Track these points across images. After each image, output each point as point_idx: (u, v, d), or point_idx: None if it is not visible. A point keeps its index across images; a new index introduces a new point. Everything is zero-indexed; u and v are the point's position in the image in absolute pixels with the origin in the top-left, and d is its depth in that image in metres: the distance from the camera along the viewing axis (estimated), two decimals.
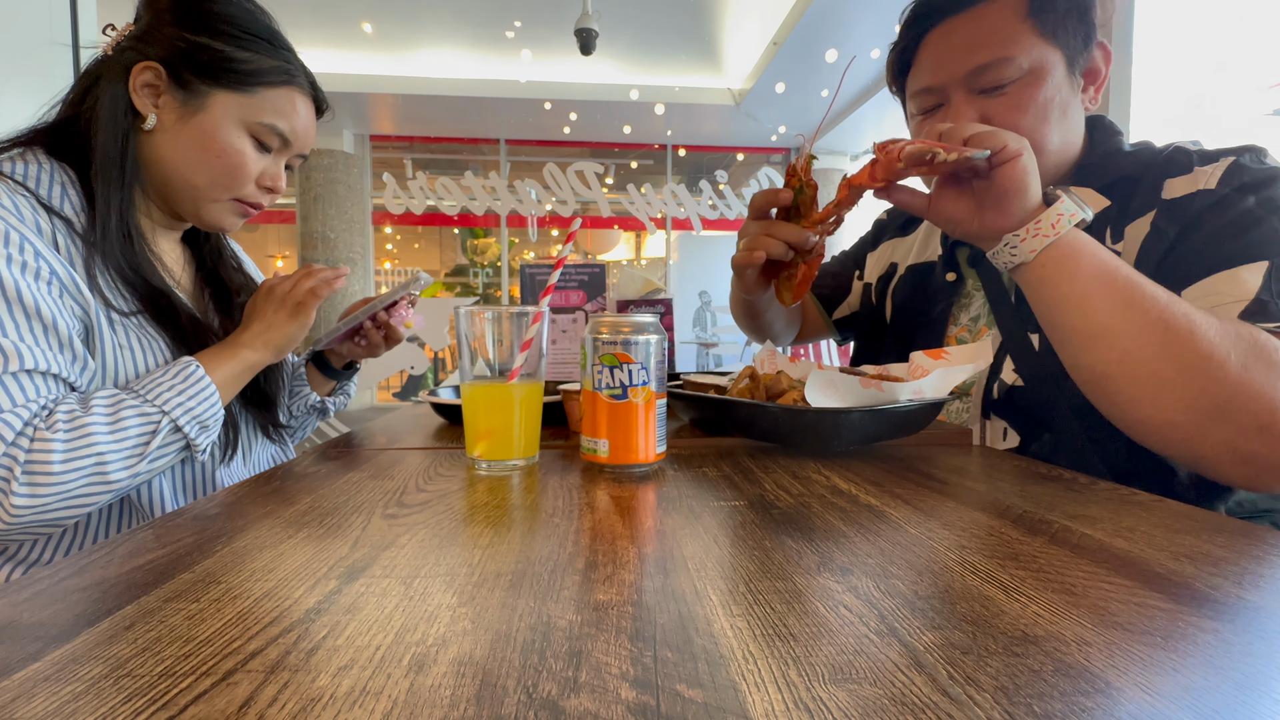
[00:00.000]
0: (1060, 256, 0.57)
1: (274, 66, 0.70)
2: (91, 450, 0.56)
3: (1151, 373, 0.53)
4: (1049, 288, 0.58)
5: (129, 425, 0.58)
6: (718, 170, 5.84)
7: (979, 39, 0.69)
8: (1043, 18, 0.67)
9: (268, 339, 0.71)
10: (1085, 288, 0.56)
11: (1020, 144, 0.57)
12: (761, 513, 0.42)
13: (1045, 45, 0.68)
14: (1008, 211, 0.57)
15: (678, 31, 4.91)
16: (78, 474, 0.55)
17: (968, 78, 0.70)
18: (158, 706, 0.21)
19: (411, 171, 5.49)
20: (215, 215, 0.73)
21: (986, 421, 0.75)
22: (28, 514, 0.54)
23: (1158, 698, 0.21)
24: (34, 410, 0.56)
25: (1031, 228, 0.57)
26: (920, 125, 0.77)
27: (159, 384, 0.62)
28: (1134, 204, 0.67)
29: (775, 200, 0.70)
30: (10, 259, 0.56)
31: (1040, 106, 0.68)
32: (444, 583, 0.31)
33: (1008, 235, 0.58)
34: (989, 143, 0.56)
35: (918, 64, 0.75)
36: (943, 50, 0.72)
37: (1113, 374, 0.55)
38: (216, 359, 0.67)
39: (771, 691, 0.21)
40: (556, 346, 0.95)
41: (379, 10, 4.63)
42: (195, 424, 0.63)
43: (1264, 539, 0.37)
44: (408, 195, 5.13)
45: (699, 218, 5.53)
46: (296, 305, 0.72)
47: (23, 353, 0.56)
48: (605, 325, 0.52)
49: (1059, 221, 0.56)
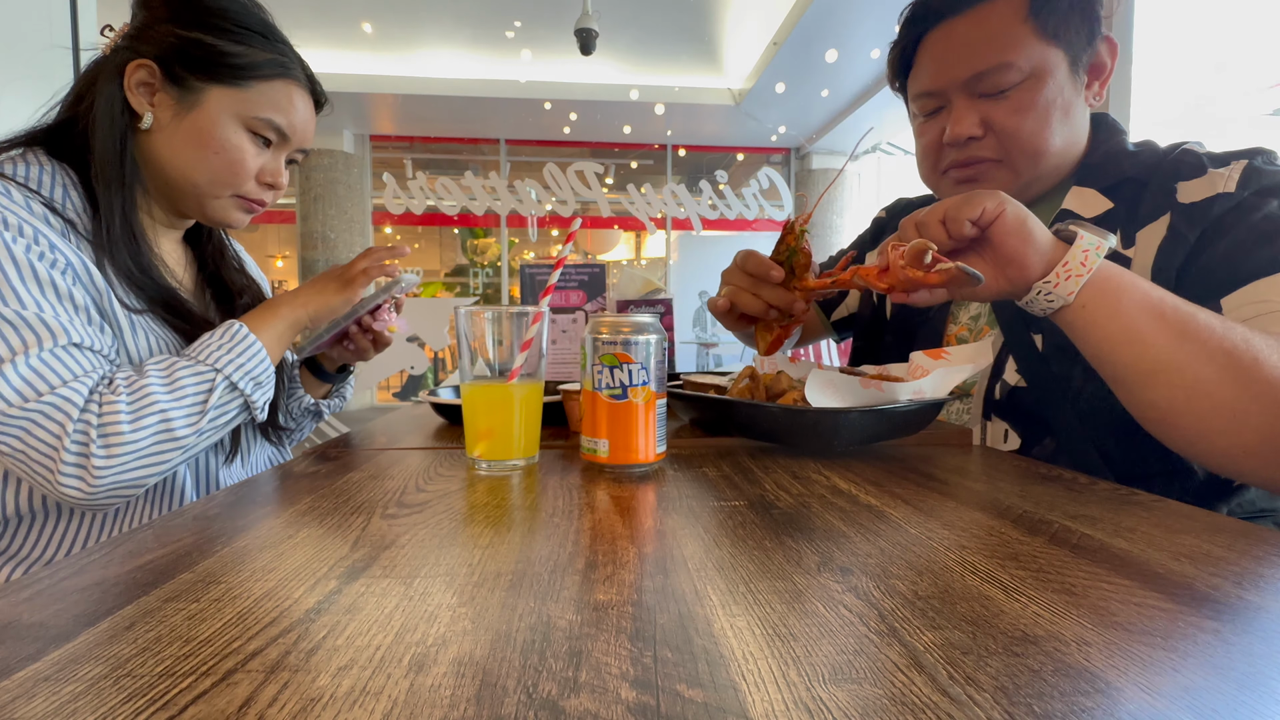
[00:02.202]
0: (1100, 294, 0.54)
1: (268, 60, 0.69)
2: (154, 408, 0.58)
3: (1222, 404, 0.51)
4: (1095, 328, 0.55)
5: (185, 384, 0.61)
6: (718, 170, 5.85)
7: (979, 43, 0.68)
8: (1044, 18, 0.66)
9: (309, 300, 0.73)
10: (1134, 322, 0.53)
11: (995, 197, 0.55)
12: (761, 513, 0.42)
13: (1046, 46, 0.67)
14: (1025, 263, 0.55)
15: (678, 31, 4.91)
16: (146, 432, 0.58)
17: (968, 82, 0.69)
18: (158, 706, 0.21)
19: (411, 171, 5.49)
20: (220, 212, 0.73)
21: (988, 423, 0.74)
22: (110, 474, 0.57)
23: (1158, 698, 0.21)
24: (96, 379, 0.58)
25: (1061, 270, 0.54)
26: (923, 127, 0.76)
27: (208, 346, 0.64)
28: (1144, 208, 0.66)
29: (765, 274, 0.68)
30: (29, 248, 0.58)
31: (1042, 109, 0.68)
32: (444, 583, 0.31)
33: (1037, 283, 0.55)
34: (964, 214, 0.55)
35: (918, 65, 0.74)
36: (943, 53, 0.71)
37: (1180, 410, 0.53)
38: (260, 319, 0.69)
39: (771, 691, 0.21)
40: (556, 346, 0.95)
41: (379, 10, 4.63)
42: (249, 381, 0.65)
43: (1264, 539, 0.37)
44: (408, 195, 5.14)
45: (699, 218, 5.54)
46: (347, 280, 0.74)
47: (67, 328, 0.58)
48: (605, 325, 0.52)
49: (1088, 258, 0.54)
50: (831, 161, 6.76)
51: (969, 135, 0.70)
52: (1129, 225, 0.67)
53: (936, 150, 0.75)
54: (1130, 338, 0.54)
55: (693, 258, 7.52)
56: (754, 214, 5.77)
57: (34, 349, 0.56)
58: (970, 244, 0.58)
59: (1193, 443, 0.54)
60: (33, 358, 0.55)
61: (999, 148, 0.71)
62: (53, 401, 0.55)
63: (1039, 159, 0.70)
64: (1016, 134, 0.69)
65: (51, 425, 0.55)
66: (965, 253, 0.58)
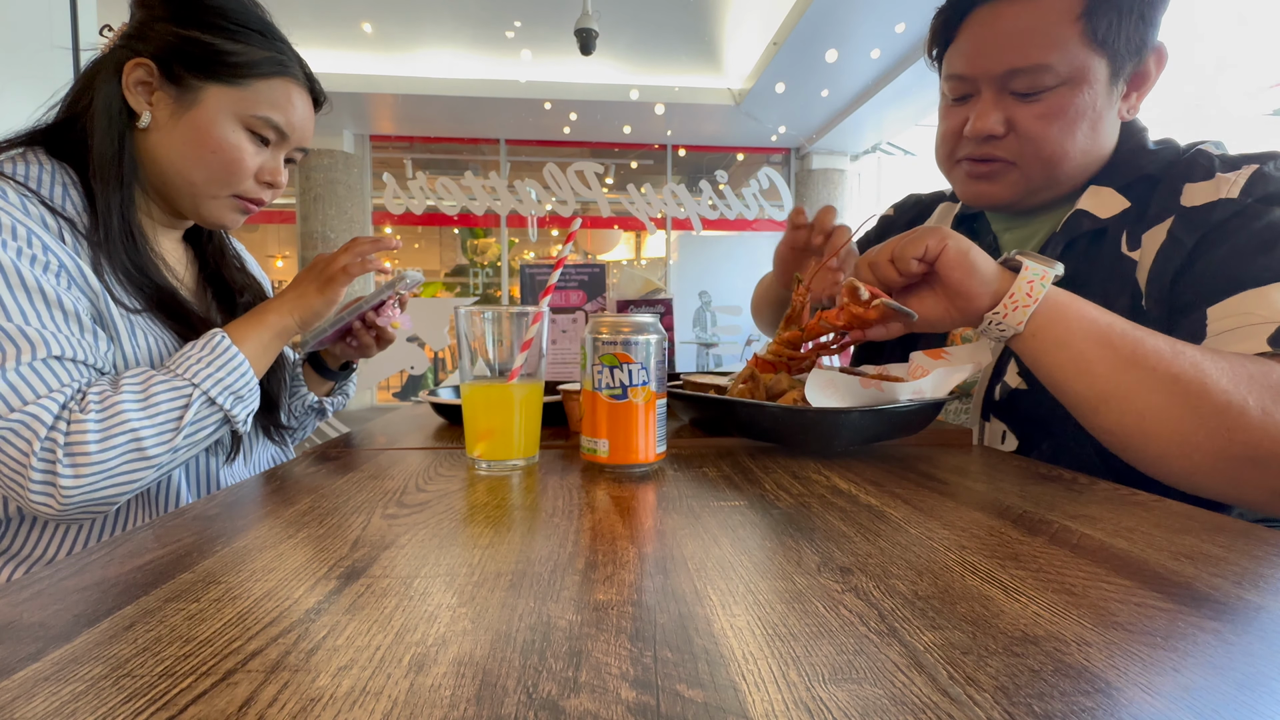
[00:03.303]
0: (1048, 322, 0.55)
1: (266, 58, 0.69)
2: (125, 428, 0.57)
3: (1172, 431, 0.51)
4: (1045, 356, 0.56)
5: (160, 401, 0.59)
6: (718, 170, 5.85)
7: (1022, 35, 0.65)
8: (1096, 20, 0.63)
9: (294, 306, 0.71)
10: (1083, 351, 0.54)
11: (936, 235, 0.56)
12: (761, 513, 0.42)
13: (1091, 52, 0.64)
14: (971, 294, 0.56)
15: (678, 31, 4.91)
16: (115, 452, 0.57)
17: (1001, 77, 0.67)
18: (158, 706, 0.21)
19: (411, 171, 5.49)
20: (215, 212, 0.72)
21: (986, 423, 0.74)
22: (78, 494, 0.56)
23: (1158, 698, 0.21)
24: (68, 395, 0.57)
25: (1008, 301, 0.56)
26: (948, 110, 0.74)
27: (187, 358, 0.63)
28: (1151, 209, 0.65)
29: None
30: (20, 252, 0.57)
31: (1070, 118, 0.66)
32: (444, 583, 0.31)
33: (987, 314, 0.57)
34: (909, 253, 0.57)
35: (958, 42, 0.71)
36: (984, 38, 0.68)
37: (1132, 435, 0.54)
38: (244, 328, 0.68)
39: (771, 691, 0.21)
40: (556, 346, 0.95)
41: (379, 10, 4.63)
42: (229, 395, 0.63)
43: (1264, 539, 0.37)
44: (408, 195, 5.13)
45: (699, 218, 5.53)
46: (327, 280, 0.72)
47: (48, 340, 0.57)
48: (605, 325, 0.52)
49: (1033, 288, 0.55)
50: (831, 161, 6.76)
51: (989, 133, 0.69)
52: (1137, 226, 0.66)
53: (955, 138, 0.74)
54: (1079, 367, 0.55)
55: (693, 258, 7.52)
56: (754, 214, 5.77)
57: (11, 362, 0.55)
58: (924, 279, 0.60)
59: (1152, 466, 0.55)
60: (9, 371, 0.54)
61: (1017, 150, 0.69)
62: (21, 418, 0.54)
63: (1054, 167, 0.69)
64: (1038, 140, 0.68)
65: (19, 442, 0.54)
66: (919, 288, 0.61)
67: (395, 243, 0.76)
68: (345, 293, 0.75)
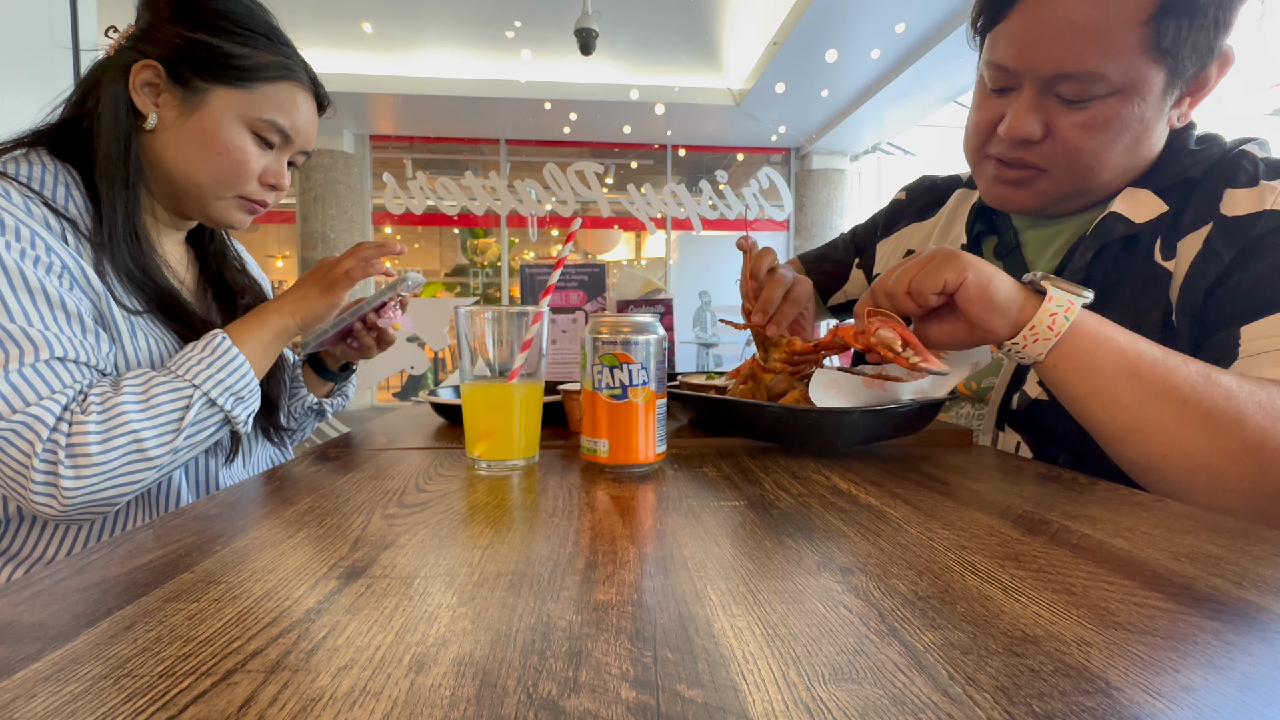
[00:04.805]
0: (1071, 353, 0.52)
1: (273, 62, 0.70)
2: (126, 429, 0.57)
3: (1200, 466, 0.49)
4: (1068, 385, 0.54)
5: (160, 402, 0.60)
6: (718, 170, 5.85)
7: (1079, 34, 0.58)
8: (1164, 28, 0.57)
9: (296, 308, 0.71)
10: (1108, 382, 0.51)
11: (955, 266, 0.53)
12: (761, 513, 0.42)
13: (1149, 63, 0.58)
14: (989, 327, 0.53)
15: (678, 31, 4.92)
16: (116, 453, 0.57)
17: (1048, 79, 0.61)
18: (158, 706, 0.21)
19: (411, 171, 5.49)
20: (222, 213, 0.73)
21: (1000, 433, 0.71)
22: (79, 495, 0.56)
23: (1158, 698, 0.21)
24: (70, 396, 0.57)
25: (1028, 333, 0.53)
26: (984, 100, 0.68)
27: (188, 359, 0.63)
28: (1188, 214, 0.61)
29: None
30: (24, 254, 0.57)
31: (1113, 132, 0.61)
32: (444, 583, 0.31)
33: (1007, 343, 0.54)
34: (927, 288, 0.53)
35: (1008, 24, 0.63)
36: (1037, 29, 0.61)
37: (1159, 468, 0.52)
38: (245, 329, 0.68)
39: (771, 691, 0.21)
40: (556, 346, 0.95)
41: (379, 10, 4.63)
42: (229, 396, 0.63)
43: (1264, 539, 0.37)
44: (408, 195, 5.14)
45: (699, 218, 5.54)
46: (330, 283, 0.72)
47: (51, 341, 0.57)
48: (605, 325, 0.52)
49: (1055, 320, 0.52)
50: (831, 162, 6.76)
51: (1025, 137, 0.64)
52: (1173, 232, 0.62)
53: (988, 132, 0.68)
54: (1104, 398, 0.52)
55: (693, 258, 7.52)
56: (754, 214, 5.77)
57: (14, 363, 0.55)
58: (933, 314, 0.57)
59: (1174, 495, 0.52)
60: (12, 373, 0.55)
61: (1051, 157, 0.65)
62: (23, 420, 0.54)
63: (1087, 179, 0.65)
64: (1075, 151, 0.63)
65: (21, 444, 0.54)
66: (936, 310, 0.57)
67: (400, 248, 0.76)
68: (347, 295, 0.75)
